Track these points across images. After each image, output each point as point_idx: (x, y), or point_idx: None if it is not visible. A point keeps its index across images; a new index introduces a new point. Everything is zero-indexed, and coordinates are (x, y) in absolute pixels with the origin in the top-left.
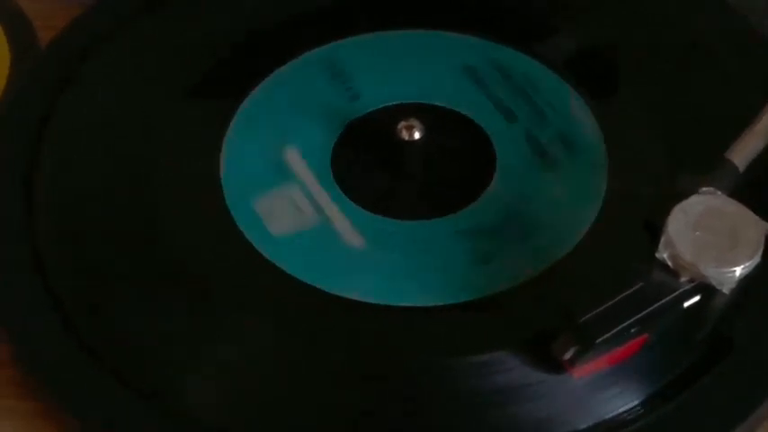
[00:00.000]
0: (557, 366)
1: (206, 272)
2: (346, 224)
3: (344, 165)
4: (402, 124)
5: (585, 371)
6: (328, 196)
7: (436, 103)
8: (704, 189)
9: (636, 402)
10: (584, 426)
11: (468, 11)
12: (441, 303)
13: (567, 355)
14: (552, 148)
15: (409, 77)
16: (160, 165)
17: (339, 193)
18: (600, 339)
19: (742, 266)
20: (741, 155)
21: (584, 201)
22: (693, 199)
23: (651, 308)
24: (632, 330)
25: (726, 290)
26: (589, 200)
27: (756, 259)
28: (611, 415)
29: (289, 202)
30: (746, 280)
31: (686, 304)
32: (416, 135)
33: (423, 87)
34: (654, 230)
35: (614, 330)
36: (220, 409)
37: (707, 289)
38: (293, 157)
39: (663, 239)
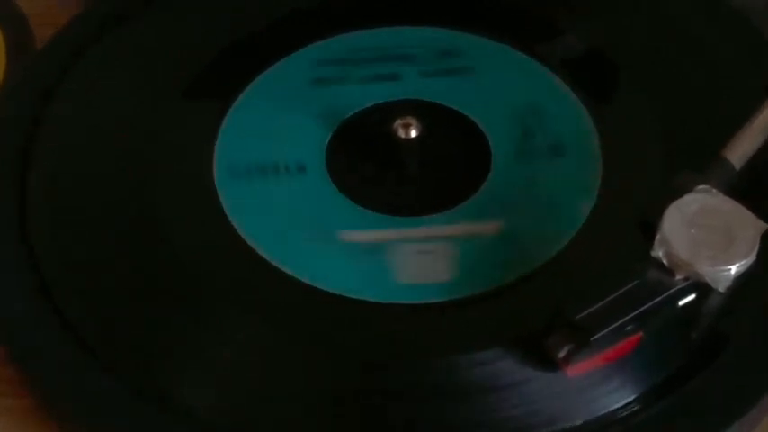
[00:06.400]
0: (551, 364)
1: (201, 270)
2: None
3: (340, 163)
4: (398, 122)
5: (580, 369)
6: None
7: (430, 101)
8: (700, 187)
9: (631, 399)
10: (579, 422)
11: (463, 8)
12: (435, 301)
13: (562, 354)
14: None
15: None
16: (155, 163)
17: (335, 191)
18: (595, 337)
19: (737, 265)
20: (738, 153)
21: (579, 198)
22: (689, 197)
23: (646, 306)
24: (627, 328)
25: (721, 288)
26: (584, 197)
27: (752, 258)
28: (605, 411)
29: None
30: (742, 278)
31: (681, 302)
32: (413, 133)
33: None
34: (649, 228)
35: (609, 328)
36: (220, 408)
37: (702, 287)
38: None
39: (658, 237)
